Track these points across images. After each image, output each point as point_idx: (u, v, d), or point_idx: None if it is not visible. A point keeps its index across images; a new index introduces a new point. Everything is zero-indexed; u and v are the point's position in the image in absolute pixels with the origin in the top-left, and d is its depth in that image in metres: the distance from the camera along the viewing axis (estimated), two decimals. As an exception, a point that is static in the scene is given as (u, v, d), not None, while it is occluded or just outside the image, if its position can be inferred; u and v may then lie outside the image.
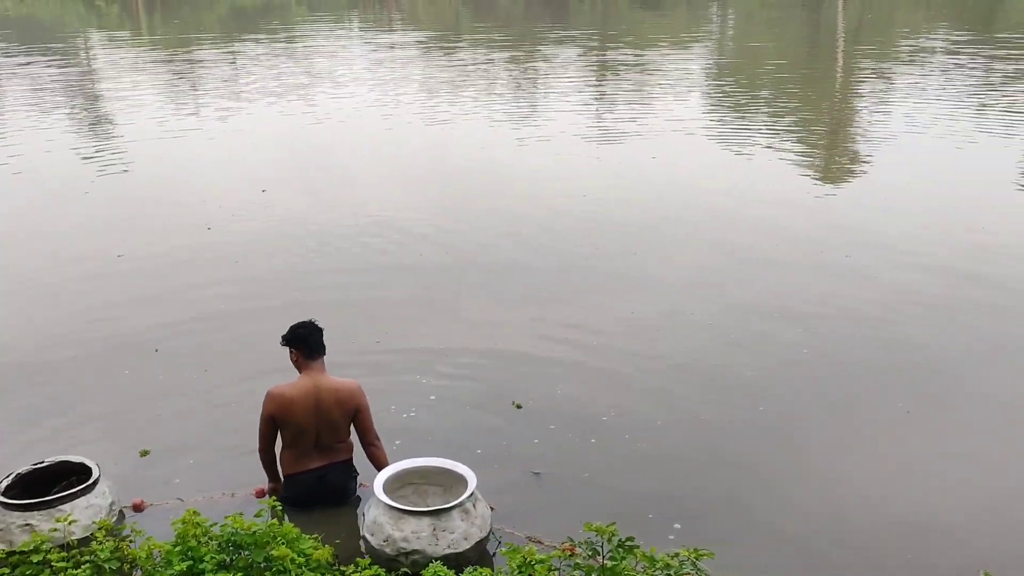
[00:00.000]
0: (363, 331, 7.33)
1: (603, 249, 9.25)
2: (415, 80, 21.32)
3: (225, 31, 32.95)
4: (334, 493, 5.03)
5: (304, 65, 23.73)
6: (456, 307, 7.94)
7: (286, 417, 4.86)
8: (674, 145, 13.96)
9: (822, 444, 5.78)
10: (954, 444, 5.73)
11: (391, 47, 27.95)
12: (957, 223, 9.96)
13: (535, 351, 7.03)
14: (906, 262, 8.72)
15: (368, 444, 5.03)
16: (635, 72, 21.47)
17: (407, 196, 11.38)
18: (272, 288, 8.38)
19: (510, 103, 17.95)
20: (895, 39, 27.32)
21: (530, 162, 13.17)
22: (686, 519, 4.98)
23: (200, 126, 15.98)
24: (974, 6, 37.40)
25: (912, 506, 5.12)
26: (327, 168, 13.02)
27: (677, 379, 6.59)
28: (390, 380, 6.49)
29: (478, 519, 4.54)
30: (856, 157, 13.55)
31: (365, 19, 38.67)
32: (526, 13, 40.58)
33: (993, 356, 6.89)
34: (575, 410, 6.14)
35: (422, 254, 9.24)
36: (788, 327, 7.37)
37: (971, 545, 4.77)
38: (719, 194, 11.14)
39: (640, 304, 7.86)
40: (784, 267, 8.73)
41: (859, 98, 18.47)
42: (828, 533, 4.92)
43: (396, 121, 16.26)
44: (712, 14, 38.82)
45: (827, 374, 6.65)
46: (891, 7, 39.13)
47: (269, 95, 18.89)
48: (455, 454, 5.03)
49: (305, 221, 10.31)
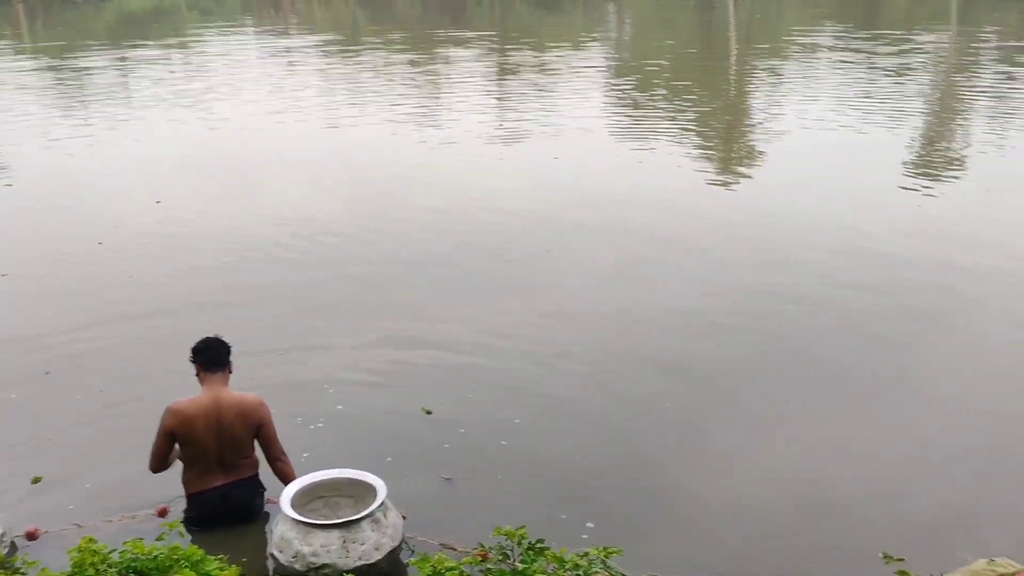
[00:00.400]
0: (266, 341, 7.15)
1: (511, 251, 9.27)
2: (314, 84, 20.99)
3: (113, 38, 31.84)
4: (240, 511, 4.88)
5: (198, 71, 23.10)
6: (362, 314, 7.82)
7: (186, 433, 4.70)
8: (576, 144, 14.09)
9: (727, 434, 5.89)
10: (849, 429, 5.91)
11: (288, 51, 27.47)
12: (847, 211, 10.31)
13: (444, 355, 6.99)
14: (805, 254, 9.00)
15: (273, 459, 4.90)
16: (535, 72, 21.61)
17: (309, 202, 11.19)
18: (169, 302, 8.10)
19: (412, 105, 17.83)
20: (784, 37, 28.20)
21: (434, 164, 13.10)
22: (598, 517, 5.00)
23: (89, 135, 15.38)
24: (859, 3, 38.93)
25: (814, 491, 5.27)
26: (225, 176, 12.70)
27: (586, 379, 6.63)
28: (295, 390, 6.35)
29: (389, 529, 4.47)
30: (752, 152, 13.93)
31: (260, 24, 37.89)
32: (424, 16, 40.44)
33: (882, 343, 7.14)
34: (486, 413, 6.12)
35: (325, 262, 9.09)
36: (691, 322, 7.52)
37: (870, 526, 4.93)
38: (622, 191, 11.29)
39: (547, 305, 7.89)
40: (685, 263, 8.90)
41: (753, 95, 19.01)
42: (735, 521, 5.02)
43: (296, 126, 15.98)
44: (608, 15, 39.41)
45: (729, 366, 6.79)
46: (779, 7, 40.41)
47: (162, 102, 18.33)
48: (365, 463, 4.94)
49: (202, 231, 10.03)
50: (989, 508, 5.07)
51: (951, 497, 5.19)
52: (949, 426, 5.93)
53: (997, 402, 6.18)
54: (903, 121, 15.04)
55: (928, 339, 7.23)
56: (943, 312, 7.67)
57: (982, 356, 6.91)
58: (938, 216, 10.19)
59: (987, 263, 8.58)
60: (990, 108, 16.23)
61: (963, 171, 12.25)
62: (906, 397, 6.33)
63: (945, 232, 9.54)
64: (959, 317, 7.60)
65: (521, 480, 5.38)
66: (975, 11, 34.55)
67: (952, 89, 18.40)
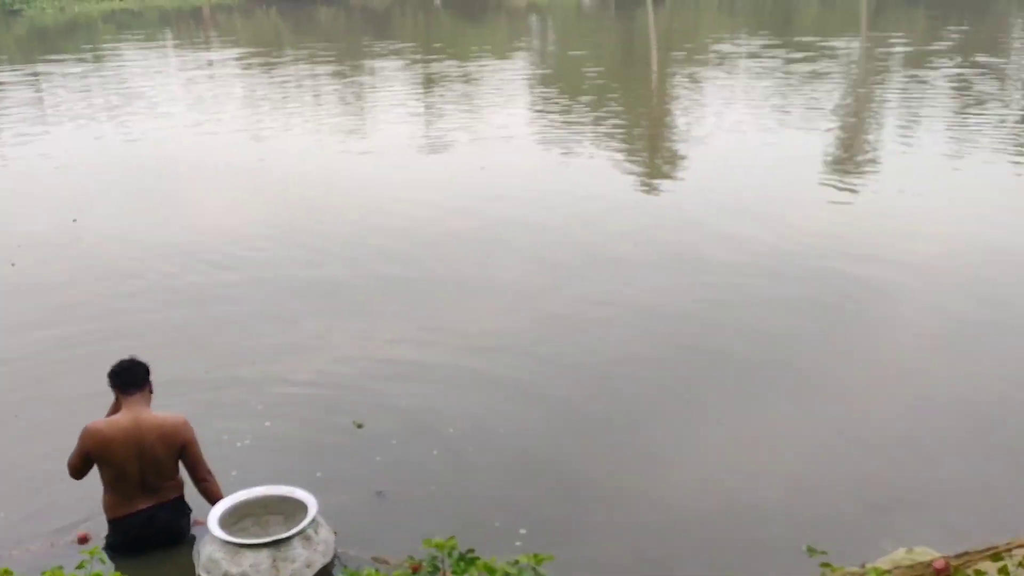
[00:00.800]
0: (189, 359, 7.02)
1: (438, 261, 9.25)
2: (236, 97, 20.66)
3: (25, 52, 30.88)
4: (165, 534, 4.76)
5: (116, 85, 22.53)
6: (289, 327, 7.72)
7: (104, 455, 4.57)
8: (502, 154, 14.15)
9: (657, 435, 5.98)
10: (769, 425, 6.05)
11: (209, 64, 27.00)
12: (763, 212, 10.55)
13: (373, 367, 6.94)
14: (727, 255, 9.18)
15: (199, 480, 4.79)
16: (460, 83, 21.64)
17: (232, 216, 11.00)
18: (87, 324, 7.87)
19: (337, 117, 17.70)
20: (703, 45, 28.77)
21: (361, 175, 13.03)
22: (532, 524, 5.02)
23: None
24: (772, 12, 39.96)
25: (739, 487, 5.38)
26: (145, 192, 12.39)
27: (516, 386, 6.64)
28: (221, 408, 6.24)
29: (321, 545, 4.42)
30: (671, 157, 14.16)
31: (180, 37, 37.16)
32: (348, 28, 40.17)
33: (797, 339, 7.34)
34: (417, 424, 6.09)
35: (246, 276, 8.95)
36: (622, 323, 7.61)
37: (793, 520, 5.05)
38: (548, 199, 11.35)
39: (476, 314, 7.91)
40: (615, 264, 9.00)
41: (673, 100, 19.34)
42: (663, 521, 5.10)
43: (218, 139, 15.71)
44: (531, 24, 39.71)
45: (660, 367, 6.90)
46: (697, 16, 41.22)
47: (78, 117, 17.84)
48: (295, 480, 4.88)
49: (121, 249, 9.78)
50: (906, 497, 5.25)
51: (870, 487, 5.35)
52: (864, 417, 6.12)
53: (909, 392, 6.41)
54: (817, 124, 15.48)
55: (842, 334, 7.44)
56: (857, 307, 7.90)
57: (894, 348, 7.16)
58: (852, 215, 10.51)
59: (899, 260, 8.87)
60: (900, 110, 16.81)
61: (876, 172, 12.66)
62: (822, 391, 6.50)
63: (858, 230, 9.85)
64: (872, 311, 7.85)
65: (455, 489, 5.38)
66: (884, 17, 35.77)
67: (864, 92, 19.00)
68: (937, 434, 5.90)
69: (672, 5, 45.29)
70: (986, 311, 7.68)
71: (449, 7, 48.19)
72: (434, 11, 46.94)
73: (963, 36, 27.72)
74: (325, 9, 47.69)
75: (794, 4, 43.10)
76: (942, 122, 15.29)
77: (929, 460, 5.61)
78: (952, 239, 9.47)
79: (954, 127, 14.78)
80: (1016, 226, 9.86)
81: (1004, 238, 9.39)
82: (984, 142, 13.58)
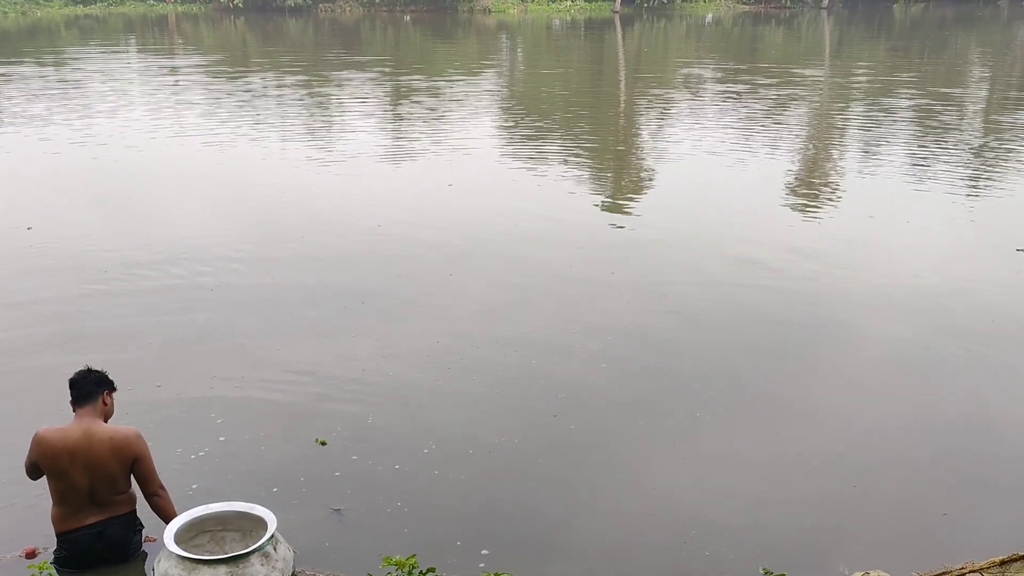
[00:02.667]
0: (143, 371, 6.88)
1: (405, 277, 9.18)
2: (199, 104, 20.46)
3: (-16, 54, 30.33)
4: (115, 550, 4.64)
5: (76, 90, 22.20)
6: (246, 341, 7.60)
7: (51, 466, 4.45)
8: (468, 170, 14.15)
9: (619, 457, 5.96)
10: (732, 446, 6.08)
11: (173, 71, 26.73)
12: (731, 235, 10.66)
13: (336, 383, 6.86)
14: (689, 277, 9.25)
15: (151, 494, 4.66)
16: (428, 97, 21.64)
17: (193, 225, 10.85)
18: (42, 332, 7.71)
19: (301, 128, 17.59)
20: (671, 69, 29.11)
21: (327, 188, 12.93)
22: (494, 544, 4.98)
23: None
24: (737, 41, 40.55)
25: (700, 508, 5.39)
26: (105, 199, 12.20)
27: (480, 403, 6.62)
28: (175, 422, 6.13)
29: (279, 562, 4.33)
30: (638, 179, 14.25)
31: (144, 44, 36.76)
32: (316, 40, 40.05)
33: (761, 361, 7.41)
34: (379, 441, 6.03)
35: (205, 286, 8.83)
36: (587, 344, 7.60)
37: (751, 542, 5.07)
38: (515, 217, 11.35)
39: (442, 330, 7.86)
40: (578, 284, 9.01)
41: (640, 122, 19.50)
42: (630, 539, 5.10)
43: (180, 148, 15.52)
44: (501, 44, 39.88)
45: (622, 386, 6.90)
46: (666, 41, 41.72)
47: (34, 122, 17.54)
48: (251, 495, 4.80)
49: (78, 258, 9.58)
50: (863, 520, 5.28)
51: (827, 510, 5.39)
52: (825, 440, 6.17)
53: (868, 416, 6.47)
54: (782, 149, 15.71)
55: (805, 358, 7.53)
56: (821, 331, 8.00)
57: (856, 372, 7.24)
58: (817, 240, 10.62)
59: (864, 285, 9.00)
60: (864, 137, 17.12)
61: (839, 198, 12.84)
62: (784, 413, 6.55)
63: (823, 255, 9.96)
64: (836, 336, 7.94)
65: (416, 508, 5.32)
66: (846, 49, 36.47)
67: (828, 120, 19.32)
68: (895, 458, 5.97)
69: (640, 29, 45.80)
70: (948, 339, 7.81)
71: (419, 23, 48.28)
72: (403, 26, 46.99)
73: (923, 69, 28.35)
74: (293, 21, 47.54)
75: (759, 34, 43.83)
76: (904, 149, 15.61)
77: (887, 483, 5.67)
78: (915, 266, 9.61)
79: (918, 155, 15.08)
80: (976, 258, 10.06)
81: (967, 270, 9.56)
82: (942, 170, 13.85)
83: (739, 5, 60.98)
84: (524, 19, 52.20)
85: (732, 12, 57.61)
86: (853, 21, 51.68)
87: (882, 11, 56.44)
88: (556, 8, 57.66)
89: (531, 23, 50.03)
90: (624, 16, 53.92)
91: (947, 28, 46.39)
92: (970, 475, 5.77)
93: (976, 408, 6.60)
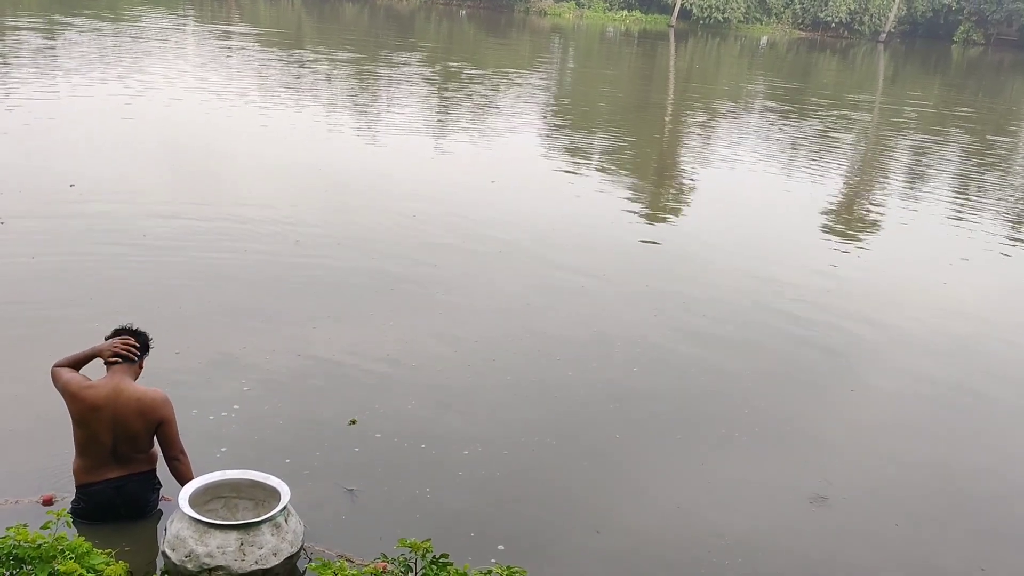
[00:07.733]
0: (172, 335, 6.89)
1: (440, 267, 9.18)
2: (253, 77, 20.65)
3: (44, 10, 30.79)
4: (132, 505, 4.68)
5: (129, 55, 22.48)
6: (286, 315, 7.61)
7: (79, 415, 4.51)
8: (513, 167, 14.18)
9: (641, 467, 5.91)
10: (752, 473, 5.98)
11: (228, 44, 26.99)
12: (763, 259, 10.55)
13: (370, 365, 6.85)
14: (726, 295, 9.18)
15: (171, 458, 4.70)
16: (475, 92, 21.68)
17: (237, 198, 10.93)
18: (74, 289, 7.76)
19: (350, 109, 17.71)
20: (721, 86, 28.96)
21: (370, 170, 13.01)
22: (510, 539, 4.95)
23: (11, 108, 14.78)
24: (791, 67, 40.25)
25: (714, 522, 5.32)
26: (151, 163, 12.34)
27: (510, 403, 6.56)
28: (201, 385, 6.17)
29: (289, 534, 4.35)
30: (677, 196, 14.15)
31: (201, 14, 37.15)
32: (371, 24, 40.28)
33: (782, 385, 7.34)
34: (402, 428, 5.99)
35: (247, 259, 8.88)
36: (612, 351, 7.56)
37: (761, 560, 5.00)
38: (552, 222, 11.33)
39: (475, 324, 7.84)
40: (603, 292, 8.96)
41: (685, 138, 19.40)
42: (643, 549, 5.03)
43: (230, 117, 15.69)
44: (553, 46, 39.88)
45: (645, 398, 6.84)
46: (718, 60, 41.52)
47: (87, 82, 17.76)
48: (267, 466, 4.82)
49: (118, 218, 9.67)
50: (844, 563, 5.17)
51: (828, 545, 5.27)
52: (835, 473, 6.04)
53: (882, 452, 6.36)
54: (826, 176, 15.56)
55: (825, 388, 7.42)
56: (843, 363, 7.88)
57: (874, 408, 7.13)
58: (850, 273, 10.49)
59: (886, 321, 8.87)
60: (910, 170, 16.92)
61: (880, 231, 12.71)
62: (802, 442, 6.45)
63: (855, 289, 9.84)
64: (856, 369, 7.81)
65: (433, 496, 5.28)
66: (901, 83, 36.08)
67: (876, 151, 19.11)
68: (903, 496, 5.84)
69: (694, 45, 45.61)
70: (970, 379, 7.70)
71: (474, 20, 48.40)
72: (458, 20, 47.13)
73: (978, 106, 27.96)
74: (350, 5, 47.86)
75: (813, 60, 43.48)
76: (949, 185, 15.43)
77: (895, 522, 5.56)
78: (944, 306, 9.49)
79: (962, 193, 14.90)
80: (1005, 302, 9.92)
81: (994, 314, 9.43)
82: (985, 214, 13.67)
83: (795, 31, 60.59)
84: (579, 24, 52.19)
85: (788, 37, 57.26)
86: (910, 57, 51.15)
87: (940, 49, 55.82)
88: (612, 17, 57.61)
89: (585, 29, 50.00)
90: (679, 31, 53.76)
91: (1004, 72, 45.77)
92: (983, 519, 5.65)
93: (990, 451, 6.49)
